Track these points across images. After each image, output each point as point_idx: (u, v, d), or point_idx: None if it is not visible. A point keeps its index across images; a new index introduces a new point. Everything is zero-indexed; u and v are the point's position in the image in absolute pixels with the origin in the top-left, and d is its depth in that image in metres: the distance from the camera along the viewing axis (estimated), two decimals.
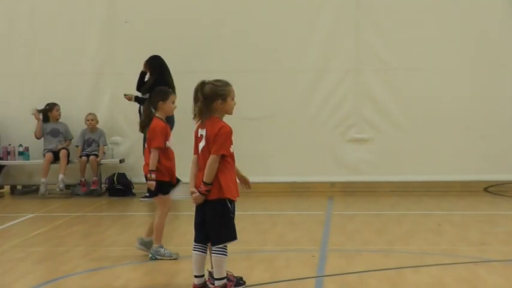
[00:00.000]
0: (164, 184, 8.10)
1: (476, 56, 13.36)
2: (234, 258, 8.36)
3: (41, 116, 13.63)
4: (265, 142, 13.64)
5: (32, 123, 13.72)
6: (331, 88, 13.62)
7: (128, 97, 12.99)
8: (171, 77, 12.73)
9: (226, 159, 6.48)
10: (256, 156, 13.30)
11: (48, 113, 13.73)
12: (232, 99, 6.62)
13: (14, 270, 7.96)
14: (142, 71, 13.09)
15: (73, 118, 13.85)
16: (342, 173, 13.57)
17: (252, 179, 7.03)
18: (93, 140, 13.79)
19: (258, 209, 11.95)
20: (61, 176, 13.36)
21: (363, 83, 13.58)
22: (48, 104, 13.70)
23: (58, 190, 13.32)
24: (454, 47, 13.36)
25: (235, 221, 6.57)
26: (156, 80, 12.55)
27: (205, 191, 6.39)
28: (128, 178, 13.51)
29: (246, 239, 9.62)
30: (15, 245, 9.28)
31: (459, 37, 13.34)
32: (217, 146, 6.41)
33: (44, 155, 13.57)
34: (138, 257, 8.26)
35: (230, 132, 6.51)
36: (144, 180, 8.28)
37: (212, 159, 6.40)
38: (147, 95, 10.61)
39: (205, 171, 6.39)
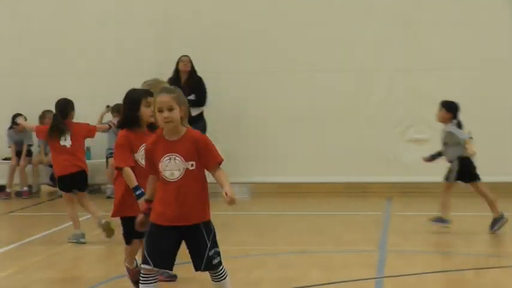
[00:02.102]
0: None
1: None
2: (289, 259, 8.38)
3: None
4: (321, 142, 13.60)
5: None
6: (388, 88, 13.55)
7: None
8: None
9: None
10: (313, 156, 13.30)
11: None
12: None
13: (78, 267, 8.06)
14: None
15: None
16: (400, 174, 13.47)
17: (310, 179, 7.02)
18: None
19: (314, 210, 11.92)
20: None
21: (420, 82, 13.46)
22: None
23: None
24: (507, 45, 13.23)
25: None
26: None
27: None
28: None
29: (303, 239, 9.61)
30: (78, 243, 9.37)
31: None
32: None
33: (108, 158, 13.65)
34: None
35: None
36: None
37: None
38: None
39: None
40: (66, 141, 9.31)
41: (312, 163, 13.46)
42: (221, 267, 5.57)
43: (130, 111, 6.59)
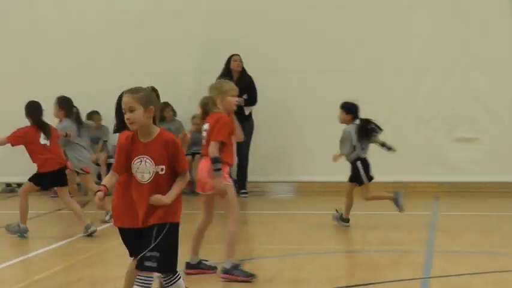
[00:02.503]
0: None
1: None
2: (336, 258, 8.34)
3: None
4: None
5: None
6: (436, 87, 13.44)
7: (239, 102, 13.05)
8: None
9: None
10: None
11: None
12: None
13: (124, 264, 8.09)
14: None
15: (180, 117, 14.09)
16: (447, 173, 13.34)
17: None
18: (199, 140, 13.92)
19: (361, 209, 11.85)
20: None
21: (469, 82, 13.32)
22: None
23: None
24: None
25: None
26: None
27: None
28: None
29: (349, 238, 9.57)
30: None
31: None
32: None
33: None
34: (243, 255, 8.30)
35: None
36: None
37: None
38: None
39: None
40: (46, 140, 9.73)
41: None
42: (169, 274, 5.50)
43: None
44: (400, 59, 13.49)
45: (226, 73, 12.96)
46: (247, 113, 12.93)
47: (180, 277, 5.58)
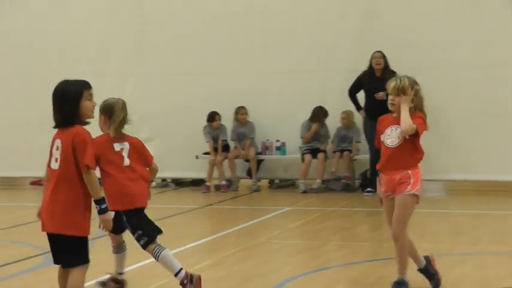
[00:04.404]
0: None
1: None
2: (491, 259, 8.03)
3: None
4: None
5: (292, 120, 13.97)
6: None
7: (380, 96, 12.88)
8: None
9: None
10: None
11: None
12: None
13: (271, 261, 8.13)
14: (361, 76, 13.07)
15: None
16: None
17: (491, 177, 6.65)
18: (347, 137, 13.88)
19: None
20: (318, 180, 13.66)
21: None
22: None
23: (314, 192, 13.56)
24: None
25: None
26: None
27: None
28: None
29: (505, 240, 9.21)
30: (273, 237, 9.50)
31: None
32: None
33: (304, 154, 13.82)
34: (391, 254, 8.13)
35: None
36: None
37: None
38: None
39: None
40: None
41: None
42: None
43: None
44: None
45: (369, 71, 13.08)
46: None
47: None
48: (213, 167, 14.17)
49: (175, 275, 6.48)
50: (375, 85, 12.75)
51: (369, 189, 13.00)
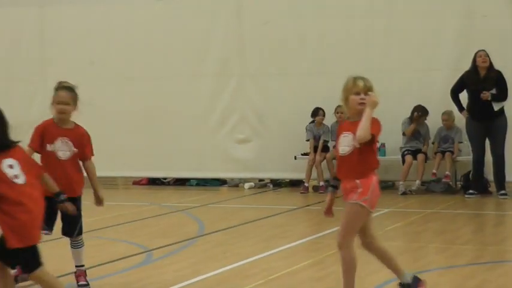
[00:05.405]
0: None
1: None
2: None
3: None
4: None
5: (392, 121, 13.77)
6: None
7: (485, 96, 12.59)
8: None
9: None
10: None
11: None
12: None
13: (371, 262, 8.03)
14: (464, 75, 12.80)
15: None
16: None
17: None
18: (449, 137, 13.67)
19: None
20: (418, 182, 13.51)
21: None
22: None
23: (413, 193, 13.38)
24: None
25: None
26: None
27: None
28: (484, 176, 13.08)
29: None
30: None
31: None
32: None
33: (404, 156, 13.68)
34: (495, 257, 7.95)
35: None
36: None
37: None
38: None
39: None
40: None
41: None
42: None
43: None
44: None
45: (473, 69, 12.79)
46: (496, 109, 12.60)
47: None
48: (312, 167, 14.13)
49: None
50: (480, 85, 12.53)
51: (471, 191, 12.74)
